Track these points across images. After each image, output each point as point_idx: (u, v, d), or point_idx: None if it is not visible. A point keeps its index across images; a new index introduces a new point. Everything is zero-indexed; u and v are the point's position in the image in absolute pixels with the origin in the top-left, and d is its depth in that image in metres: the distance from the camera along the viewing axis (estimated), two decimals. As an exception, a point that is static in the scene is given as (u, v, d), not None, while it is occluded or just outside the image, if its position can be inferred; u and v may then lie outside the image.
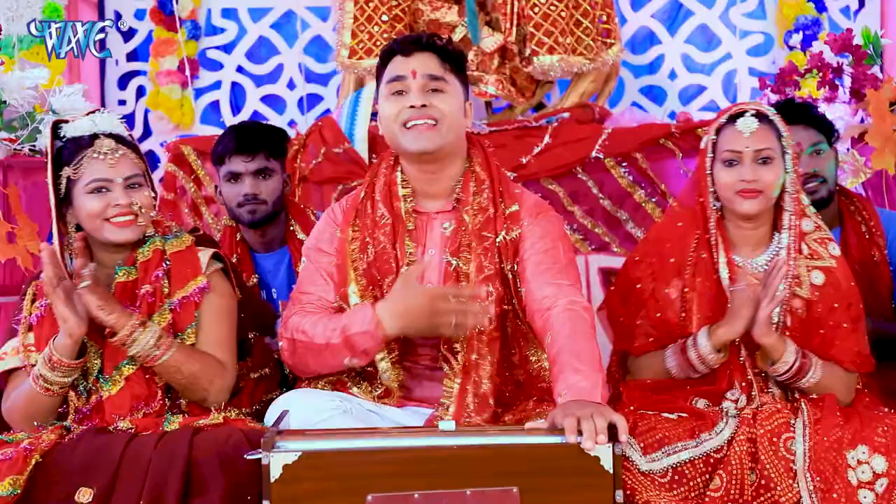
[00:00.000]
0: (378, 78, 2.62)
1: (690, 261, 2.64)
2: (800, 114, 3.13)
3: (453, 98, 2.54)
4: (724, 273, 2.60)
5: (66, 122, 2.59)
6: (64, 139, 2.56)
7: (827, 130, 3.16)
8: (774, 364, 2.52)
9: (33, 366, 2.46)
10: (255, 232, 3.28)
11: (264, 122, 3.66)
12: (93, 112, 2.60)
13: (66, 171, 2.52)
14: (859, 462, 2.29)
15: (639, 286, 2.68)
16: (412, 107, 2.49)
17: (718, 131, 2.63)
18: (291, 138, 3.66)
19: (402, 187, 2.57)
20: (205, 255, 2.62)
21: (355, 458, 2.07)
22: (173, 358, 2.44)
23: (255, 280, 3.22)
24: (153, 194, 2.59)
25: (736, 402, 2.55)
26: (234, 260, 3.19)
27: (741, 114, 2.60)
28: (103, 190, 2.51)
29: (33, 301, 2.56)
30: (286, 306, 2.64)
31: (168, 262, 2.56)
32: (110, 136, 2.55)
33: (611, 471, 2.05)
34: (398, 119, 2.51)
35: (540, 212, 2.59)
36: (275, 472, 2.03)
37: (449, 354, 2.50)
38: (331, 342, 2.45)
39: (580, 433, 2.05)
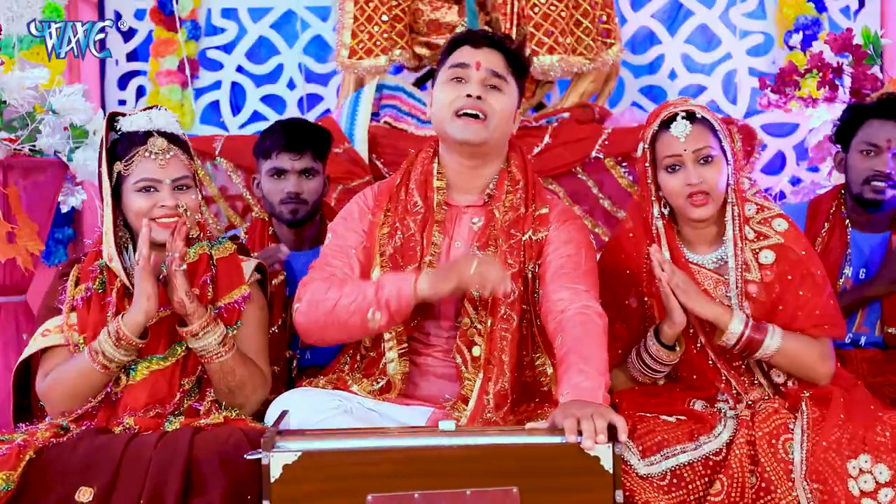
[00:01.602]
0: (439, 65, 2.64)
1: (646, 268, 2.65)
2: None
3: (508, 100, 2.58)
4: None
5: (123, 115, 2.60)
6: (119, 132, 2.58)
7: None
8: (724, 336, 2.52)
9: (76, 345, 2.50)
10: (291, 230, 3.29)
11: (310, 120, 3.65)
12: (150, 108, 2.61)
13: (118, 166, 2.55)
14: (861, 471, 2.28)
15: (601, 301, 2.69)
16: (468, 95, 2.52)
17: (654, 139, 2.62)
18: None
19: (438, 178, 2.60)
20: (248, 265, 2.66)
21: (355, 457, 2.07)
22: (232, 359, 2.48)
23: (281, 277, 3.21)
24: (200, 196, 2.61)
25: (727, 402, 2.56)
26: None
27: (672, 118, 2.58)
28: (151, 189, 2.53)
29: (76, 284, 2.59)
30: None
31: (215, 268, 2.59)
32: (164, 134, 2.56)
33: (611, 471, 2.05)
34: (452, 106, 2.54)
35: (568, 218, 2.62)
36: (275, 472, 2.03)
37: (464, 346, 2.51)
38: (364, 295, 2.42)
39: (580, 433, 2.05)
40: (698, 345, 2.61)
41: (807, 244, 2.64)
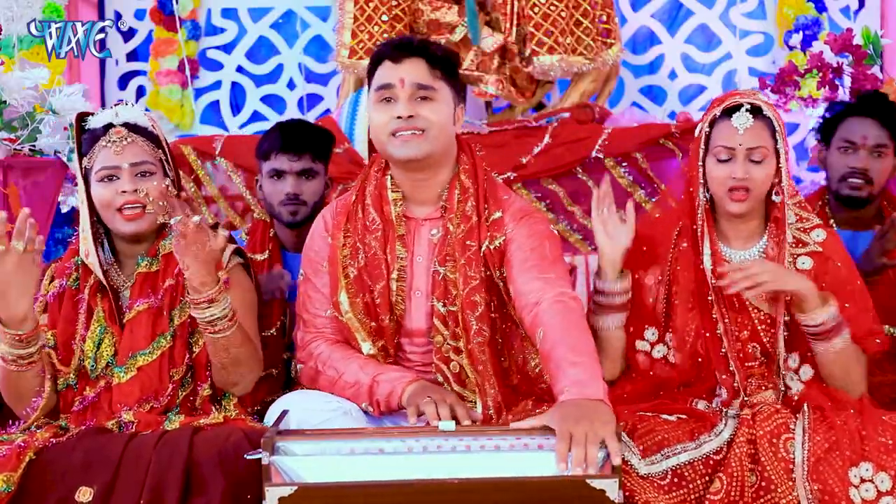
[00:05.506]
0: (368, 80, 2.60)
1: (673, 251, 2.64)
2: (883, 111, 3.19)
3: (442, 105, 2.52)
4: (707, 264, 2.58)
5: (92, 115, 2.61)
6: (86, 130, 2.59)
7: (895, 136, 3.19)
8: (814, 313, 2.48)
9: (44, 346, 2.47)
10: (292, 232, 3.28)
11: (311, 122, 3.63)
12: (118, 104, 2.62)
13: (84, 162, 2.56)
14: (862, 480, 2.27)
15: None
16: (399, 117, 2.47)
17: (712, 123, 2.61)
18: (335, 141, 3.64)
19: (392, 191, 2.56)
20: (226, 251, 2.60)
21: (353, 491, 2.06)
22: (236, 333, 2.43)
23: None
24: (167, 183, 2.58)
25: (720, 395, 2.55)
26: (265, 255, 3.20)
27: (736, 108, 2.57)
28: (113, 178, 2.53)
29: (51, 280, 2.60)
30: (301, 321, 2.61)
31: None
32: (125, 125, 2.57)
33: (617, 501, 2.04)
34: (386, 128, 2.50)
35: (525, 215, 2.57)
36: (271, 506, 2.02)
37: (441, 364, 2.51)
38: (360, 387, 2.47)
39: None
40: (719, 330, 2.57)
41: (845, 256, 2.63)
